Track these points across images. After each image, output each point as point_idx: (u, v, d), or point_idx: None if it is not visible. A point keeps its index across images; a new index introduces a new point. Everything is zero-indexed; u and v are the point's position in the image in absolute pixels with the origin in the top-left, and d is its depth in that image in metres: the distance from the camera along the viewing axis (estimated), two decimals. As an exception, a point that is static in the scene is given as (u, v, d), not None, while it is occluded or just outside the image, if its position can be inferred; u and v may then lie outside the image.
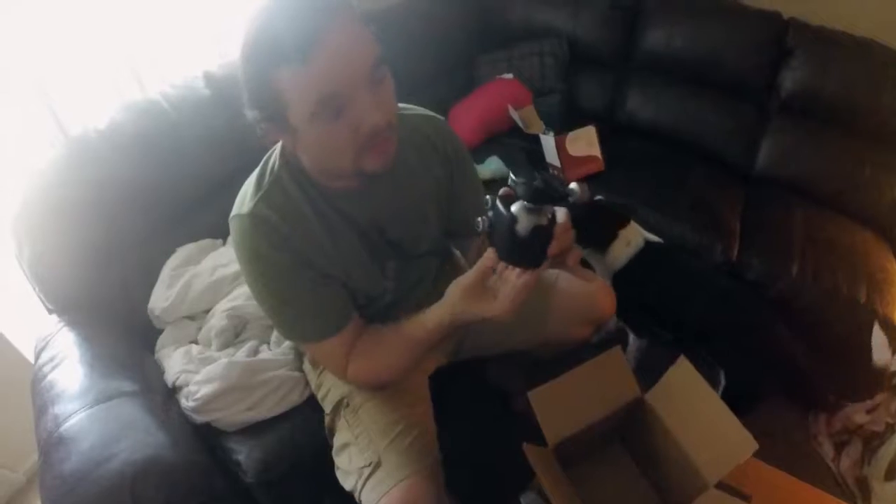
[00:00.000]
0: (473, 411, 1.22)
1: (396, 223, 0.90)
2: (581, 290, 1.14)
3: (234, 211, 0.81)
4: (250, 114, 0.72)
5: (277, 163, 0.81)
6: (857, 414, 1.44)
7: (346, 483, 0.93)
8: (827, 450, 1.47)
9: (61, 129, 1.31)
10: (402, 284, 0.97)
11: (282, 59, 0.63)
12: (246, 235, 0.79)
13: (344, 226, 0.85)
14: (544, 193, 0.67)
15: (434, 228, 0.97)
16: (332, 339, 0.85)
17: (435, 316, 0.83)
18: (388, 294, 0.96)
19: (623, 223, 1.46)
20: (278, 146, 0.82)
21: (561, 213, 0.72)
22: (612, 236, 1.45)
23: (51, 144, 1.30)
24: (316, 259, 0.82)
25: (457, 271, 1.06)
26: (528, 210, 0.69)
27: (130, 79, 1.47)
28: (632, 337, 1.59)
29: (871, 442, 1.40)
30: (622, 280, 1.46)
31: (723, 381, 1.37)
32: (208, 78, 1.50)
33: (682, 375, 0.89)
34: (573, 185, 0.67)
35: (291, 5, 0.64)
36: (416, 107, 0.94)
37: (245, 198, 0.81)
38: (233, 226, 0.81)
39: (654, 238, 1.49)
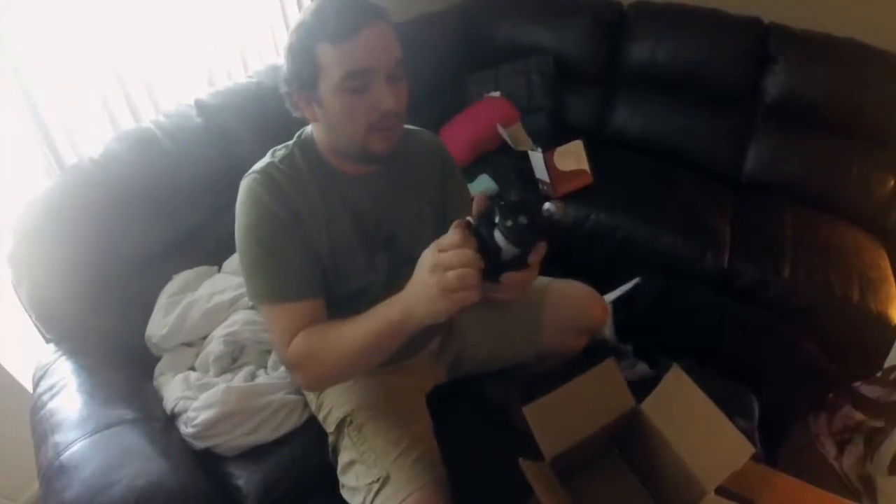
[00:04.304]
0: (473, 428, 1.22)
1: (393, 217, 0.95)
2: (571, 300, 1.16)
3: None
4: (286, 87, 0.85)
5: (292, 143, 0.92)
6: (857, 412, 1.44)
7: (354, 500, 0.93)
8: (829, 449, 1.47)
9: (57, 158, 1.32)
10: (391, 284, 0.95)
11: (326, 36, 0.77)
12: (252, 186, 0.86)
13: (342, 206, 0.91)
14: (528, 231, 0.66)
15: (429, 232, 0.98)
16: (292, 304, 0.84)
17: (382, 311, 0.76)
18: (376, 288, 0.95)
19: None
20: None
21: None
22: None
23: (46, 174, 1.31)
24: (309, 226, 0.87)
25: None
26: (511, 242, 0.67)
27: (124, 108, 1.49)
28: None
29: (873, 439, 1.40)
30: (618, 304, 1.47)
31: (756, 410, 1.33)
32: (200, 106, 1.52)
33: (677, 384, 0.90)
34: (547, 206, 0.69)
35: (345, 1, 0.78)
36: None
37: (257, 165, 0.89)
38: (242, 184, 0.87)
39: None
